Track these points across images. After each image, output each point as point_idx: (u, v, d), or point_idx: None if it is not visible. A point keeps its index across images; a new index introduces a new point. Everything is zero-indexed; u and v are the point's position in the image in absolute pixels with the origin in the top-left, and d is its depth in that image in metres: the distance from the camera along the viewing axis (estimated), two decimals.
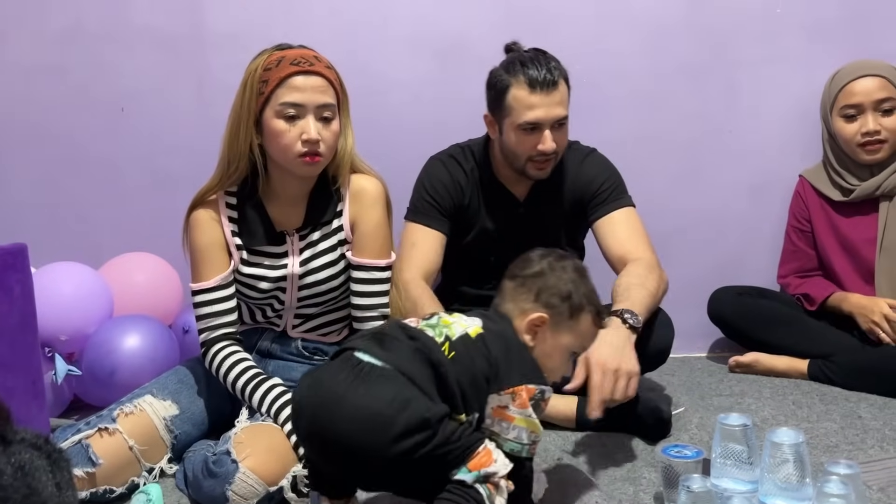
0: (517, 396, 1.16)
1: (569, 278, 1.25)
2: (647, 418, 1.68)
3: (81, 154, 2.44)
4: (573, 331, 1.25)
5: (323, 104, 1.52)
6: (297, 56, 1.53)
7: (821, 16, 2.31)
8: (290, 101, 1.50)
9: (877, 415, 1.78)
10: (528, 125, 1.76)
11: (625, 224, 1.87)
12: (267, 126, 1.52)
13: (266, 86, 1.50)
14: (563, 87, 1.78)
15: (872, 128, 2.04)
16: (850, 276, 2.13)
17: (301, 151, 1.51)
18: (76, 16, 2.39)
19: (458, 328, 1.20)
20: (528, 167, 1.83)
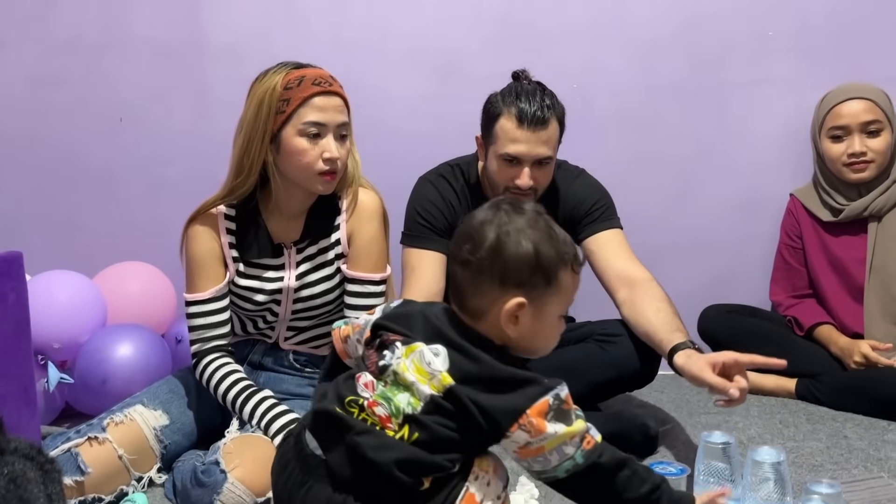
0: (529, 427, 1.00)
1: (530, 239, 1.05)
2: (634, 435, 1.69)
3: (79, 163, 2.47)
4: (556, 295, 1.07)
5: (342, 123, 1.57)
6: (316, 76, 1.55)
7: (811, 39, 2.34)
8: (313, 121, 1.52)
9: (862, 435, 1.80)
10: (508, 157, 1.77)
11: (617, 243, 1.87)
12: (287, 144, 1.54)
13: (288, 104, 1.52)
14: (554, 126, 1.77)
15: (858, 149, 2.07)
16: (839, 295, 2.15)
17: (322, 169, 1.55)
18: (77, 26, 2.42)
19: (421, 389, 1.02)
20: (506, 196, 1.84)
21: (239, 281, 1.65)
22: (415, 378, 1.04)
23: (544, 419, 1.00)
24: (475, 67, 2.39)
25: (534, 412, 0.99)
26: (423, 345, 1.06)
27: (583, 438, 1.03)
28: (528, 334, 1.07)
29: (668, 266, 2.34)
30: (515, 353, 1.09)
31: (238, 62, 2.40)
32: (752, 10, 2.35)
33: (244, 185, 1.58)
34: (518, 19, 2.39)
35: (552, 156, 1.79)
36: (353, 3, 2.40)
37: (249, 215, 1.64)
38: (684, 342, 1.54)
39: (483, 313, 1.07)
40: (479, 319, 1.08)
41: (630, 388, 1.90)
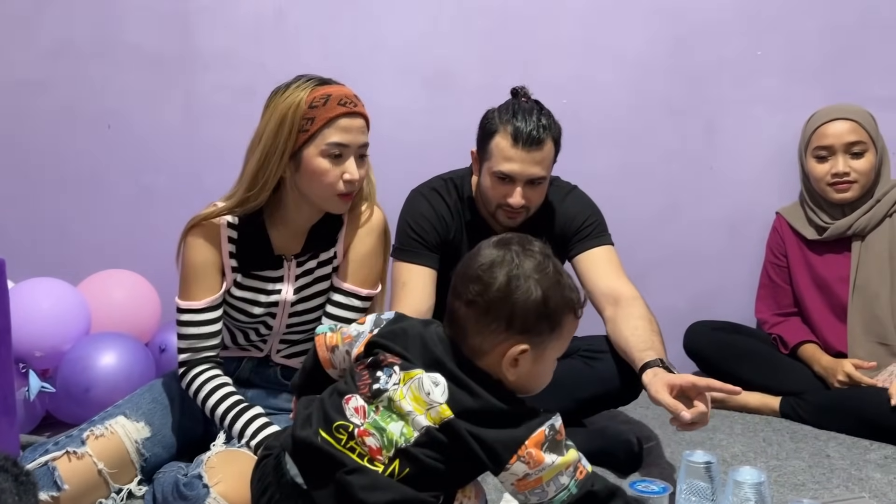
0: (528, 458, 1.01)
1: (539, 285, 1.04)
2: (618, 452, 1.69)
3: (65, 170, 2.45)
4: (557, 340, 1.08)
5: (363, 144, 1.55)
6: (342, 95, 1.52)
7: (799, 59, 2.37)
8: (337, 142, 1.50)
9: (844, 454, 1.80)
10: (501, 175, 1.77)
11: (607, 260, 1.87)
12: (308, 163, 1.51)
13: (312, 123, 1.49)
14: (549, 147, 1.76)
15: (842, 169, 2.09)
16: (822, 314, 2.16)
17: (341, 191, 1.53)
18: (65, 32, 2.41)
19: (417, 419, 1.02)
20: (498, 213, 1.84)
21: (236, 292, 1.62)
22: (412, 407, 1.03)
23: (541, 450, 1.01)
24: (466, 81, 2.40)
25: (532, 443, 1.01)
26: (423, 372, 1.04)
27: (576, 468, 1.04)
28: (526, 376, 1.08)
29: (654, 282, 2.35)
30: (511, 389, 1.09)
31: (227, 71, 2.40)
32: (741, 30, 2.37)
33: (256, 198, 1.55)
34: (509, 34, 2.40)
35: (545, 176, 1.79)
36: (344, 13, 2.40)
37: (253, 226, 1.61)
38: (654, 360, 1.54)
39: (484, 353, 1.06)
40: (478, 357, 1.07)
41: (615, 404, 1.90)
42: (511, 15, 2.40)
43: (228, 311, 1.64)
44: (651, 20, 2.39)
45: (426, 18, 2.40)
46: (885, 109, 2.20)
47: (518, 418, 1.02)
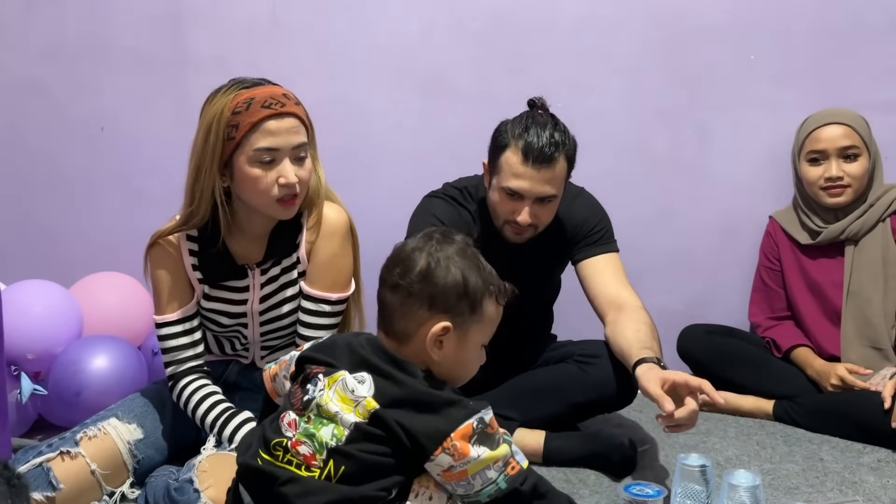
0: (453, 450, 1.01)
1: (458, 267, 1.10)
2: (612, 455, 1.69)
3: (58, 171, 2.44)
4: (479, 323, 1.13)
5: (298, 145, 1.47)
6: (266, 97, 1.45)
7: (792, 64, 2.38)
8: (265, 147, 1.43)
9: (838, 457, 1.81)
10: (510, 191, 1.72)
11: (613, 268, 1.85)
12: (239, 171, 1.46)
13: (236, 130, 1.43)
14: (561, 165, 1.71)
15: (835, 174, 2.10)
16: (816, 318, 2.16)
17: (279, 196, 1.47)
18: (58, 35, 2.41)
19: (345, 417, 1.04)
20: (505, 229, 1.80)
21: (205, 303, 1.62)
22: (339, 407, 1.05)
23: (468, 443, 1.02)
24: (460, 85, 2.40)
25: (458, 435, 1.01)
26: (346, 373, 1.07)
27: (507, 463, 1.05)
28: (451, 359, 1.11)
29: (648, 286, 2.34)
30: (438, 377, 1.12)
31: (221, 73, 2.34)
32: (734, 34, 2.38)
33: (198, 213, 1.51)
34: (503, 39, 2.40)
35: (556, 194, 1.73)
36: (338, 17, 2.40)
37: (211, 237, 1.56)
38: (650, 357, 1.55)
39: (409, 337, 1.11)
40: (405, 344, 1.11)
41: (609, 409, 1.90)
42: (505, 20, 2.41)
43: (204, 322, 1.64)
44: (644, 25, 2.39)
45: (420, 23, 2.40)
46: (878, 113, 2.21)
47: (445, 407, 1.04)
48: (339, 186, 2.09)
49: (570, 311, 2.10)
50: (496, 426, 1.06)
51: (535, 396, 1.81)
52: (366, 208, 2.07)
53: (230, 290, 1.62)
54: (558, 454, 1.72)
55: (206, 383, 1.58)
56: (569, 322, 2.15)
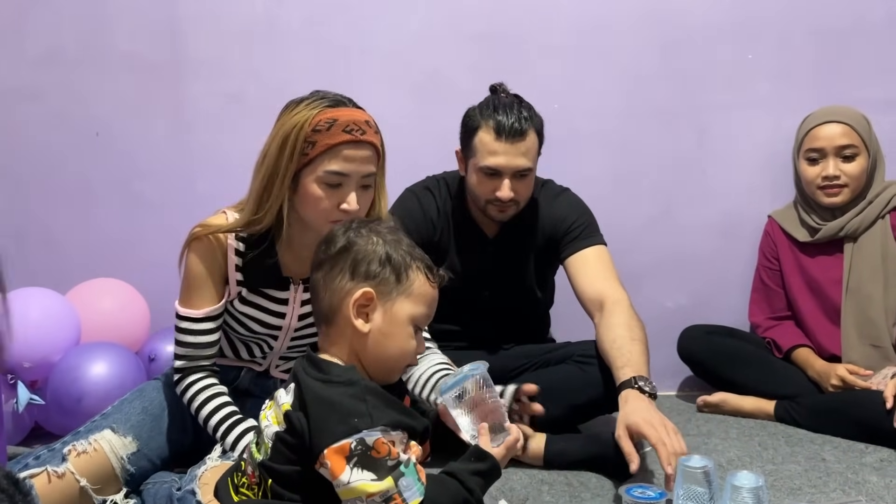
0: (327, 466, 0.97)
1: (381, 239, 1.10)
2: (613, 458, 1.67)
3: (54, 177, 2.43)
4: (408, 295, 1.10)
5: (367, 174, 1.46)
6: (349, 121, 1.43)
7: (790, 63, 2.37)
8: (336, 171, 1.42)
9: (840, 458, 1.79)
10: (488, 170, 1.78)
11: (597, 262, 1.86)
12: (304, 187, 1.44)
13: (312, 148, 1.41)
14: (532, 138, 1.77)
15: (832, 172, 2.09)
16: (816, 316, 2.16)
17: (335, 218, 1.43)
18: (54, 40, 2.39)
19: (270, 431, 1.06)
20: (489, 209, 1.85)
21: (239, 306, 1.58)
22: (270, 421, 1.07)
23: (344, 463, 0.96)
24: (456, 85, 2.39)
25: (331, 451, 0.96)
26: (280, 390, 1.09)
27: (389, 499, 0.96)
28: (378, 335, 1.08)
29: (648, 287, 2.35)
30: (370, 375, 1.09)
31: (217, 77, 2.39)
32: (731, 34, 2.38)
33: (261, 222, 1.48)
34: (500, 39, 2.40)
35: (531, 167, 1.79)
36: (334, 19, 2.39)
37: (262, 243, 1.53)
38: (627, 380, 1.56)
39: (334, 313, 1.09)
40: (332, 325, 1.10)
41: (609, 409, 1.88)
42: (502, 20, 2.40)
43: (230, 322, 1.61)
44: (642, 25, 2.39)
45: (416, 24, 2.39)
46: (877, 112, 2.20)
47: (333, 416, 0.99)
48: None
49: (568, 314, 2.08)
50: (389, 452, 0.97)
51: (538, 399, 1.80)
52: None
53: (269, 299, 1.58)
54: (559, 457, 1.71)
55: (214, 383, 1.55)
56: (568, 325, 2.14)
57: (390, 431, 0.99)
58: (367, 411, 0.99)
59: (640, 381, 1.56)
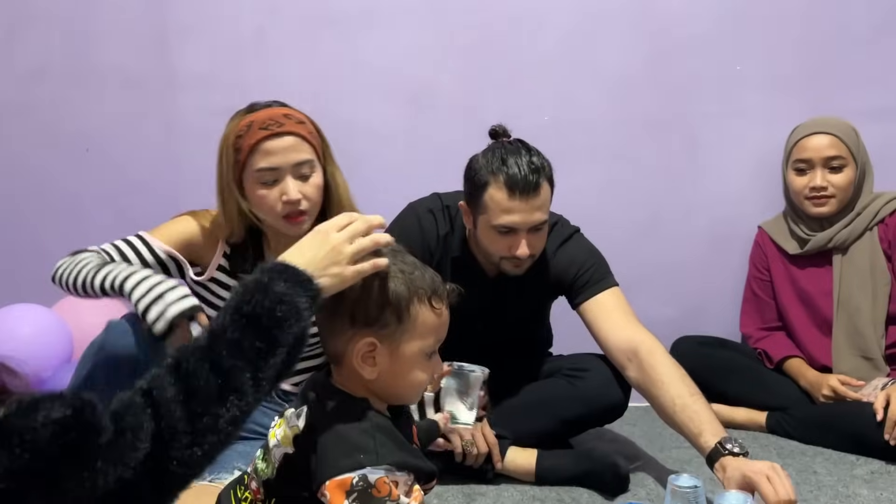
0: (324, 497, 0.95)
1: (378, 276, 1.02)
2: (605, 474, 1.68)
3: (43, 193, 2.43)
4: (413, 332, 1.03)
5: (298, 162, 1.52)
6: (265, 119, 1.51)
7: (779, 73, 2.38)
8: (264, 167, 1.50)
9: (832, 470, 1.80)
10: (503, 228, 1.67)
11: (616, 307, 1.77)
12: (249, 192, 1.54)
13: (240, 154, 1.51)
14: (546, 189, 1.67)
15: (819, 183, 2.10)
16: (807, 328, 2.16)
17: (284, 213, 1.52)
18: (44, 55, 2.39)
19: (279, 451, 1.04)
20: (503, 265, 1.75)
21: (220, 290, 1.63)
22: (278, 440, 1.06)
23: (344, 498, 0.93)
24: (448, 99, 2.40)
25: (333, 485, 0.94)
26: (291, 410, 1.07)
27: None
28: (388, 376, 1.03)
29: (639, 297, 2.33)
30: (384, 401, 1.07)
31: (207, 92, 2.38)
32: (720, 45, 2.39)
33: (233, 233, 1.60)
34: (490, 52, 2.40)
35: (546, 219, 1.71)
36: (325, 33, 2.40)
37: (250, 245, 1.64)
38: (715, 449, 1.49)
39: (341, 357, 1.05)
40: (340, 365, 1.07)
41: (600, 422, 1.89)
42: (492, 32, 2.40)
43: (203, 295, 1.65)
44: (631, 36, 2.39)
45: (407, 38, 2.40)
46: (865, 121, 2.20)
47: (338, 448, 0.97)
48: None
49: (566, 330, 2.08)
50: (390, 491, 0.95)
51: (526, 413, 1.80)
52: None
53: None
54: (551, 473, 1.71)
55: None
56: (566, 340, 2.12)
57: (395, 471, 0.97)
58: (374, 448, 0.97)
59: (727, 443, 1.48)
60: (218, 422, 0.83)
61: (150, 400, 0.82)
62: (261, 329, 0.89)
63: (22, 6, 2.39)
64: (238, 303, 0.91)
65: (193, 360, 0.86)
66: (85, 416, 0.73)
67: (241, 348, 0.87)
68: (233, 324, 0.89)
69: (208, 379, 0.84)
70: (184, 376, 0.84)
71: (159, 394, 0.82)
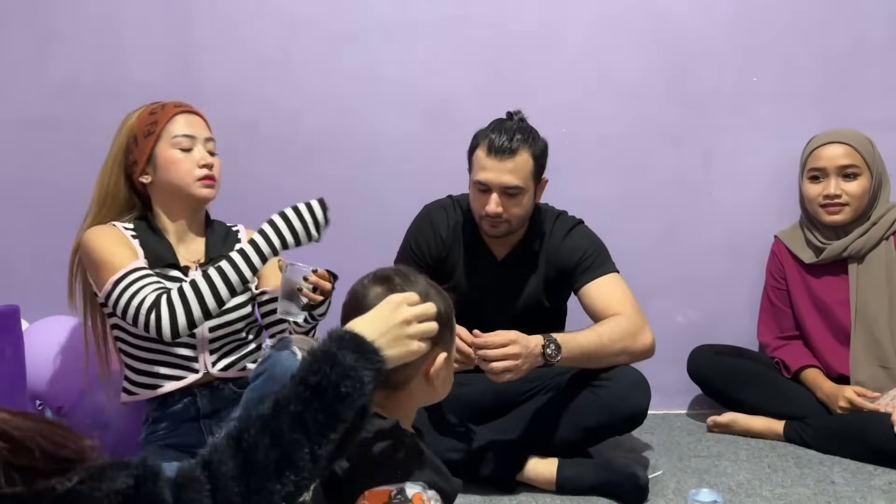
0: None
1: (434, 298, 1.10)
2: (625, 484, 1.70)
3: (73, 207, 2.46)
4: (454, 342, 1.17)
5: (209, 138, 1.73)
6: (176, 102, 1.75)
7: (795, 85, 2.40)
8: (183, 133, 1.68)
9: (850, 480, 1.82)
10: (479, 184, 1.85)
11: (611, 288, 1.88)
12: (162, 158, 1.68)
13: (156, 125, 1.69)
14: (524, 158, 1.81)
15: (833, 191, 2.13)
16: (824, 337, 2.18)
17: (200, 175, 1.68)
18: (71, 71, 2.45)
19: None
20: (482, 223, 1.90)
21: None
22: None
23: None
24: (465, 112, 2.42)
25: (371, 494, 0.97)
26: None
27: None
28: (443, 384, 1.14)
29: (656, 307, 2.37)
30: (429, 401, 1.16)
31: (231, 107, 2.43)
32: (736, 57, 2.41)
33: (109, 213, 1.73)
34: (507, 64, 2.44)
35: (520, 186, 1.82)
36: (346, 48, 2.44)
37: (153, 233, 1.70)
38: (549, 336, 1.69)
39: (408, 382, 1.10)
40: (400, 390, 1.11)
41: (620, 431, 1.93)
42: (509, 45, 2.44)
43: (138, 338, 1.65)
44: (648, 49, 2.42)
45: (425, 52, 2.44)
46: (882, 133, 2.22)
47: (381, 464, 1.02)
48: (350, 215, 2.13)
49: None
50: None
51: (547, 422, 1.83)
52: (375, 235, 2.10)
53: (172, 281, 1.65)
54: (571, 483, 1.75)
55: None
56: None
57: (428, 490, 1.00)
58: (410, 466, 1.03)
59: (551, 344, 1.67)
60: (272, 498, 0.84)
61: (210, 474, 0.82)
62: (325, 403, 0.89)
63: (51, 24, 2.45)
64: (305, 373, 0.91)
65: (254, 432, 0.86)
66: (147, 488, 0.74)
67: (303, 421, 0.87)
68: (297, 396, 0.89)
69: (267, 454, 0.85)
70: (245, 448, 0.85)
71: (218, 469, 0.83)
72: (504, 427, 1.85)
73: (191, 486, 0.80)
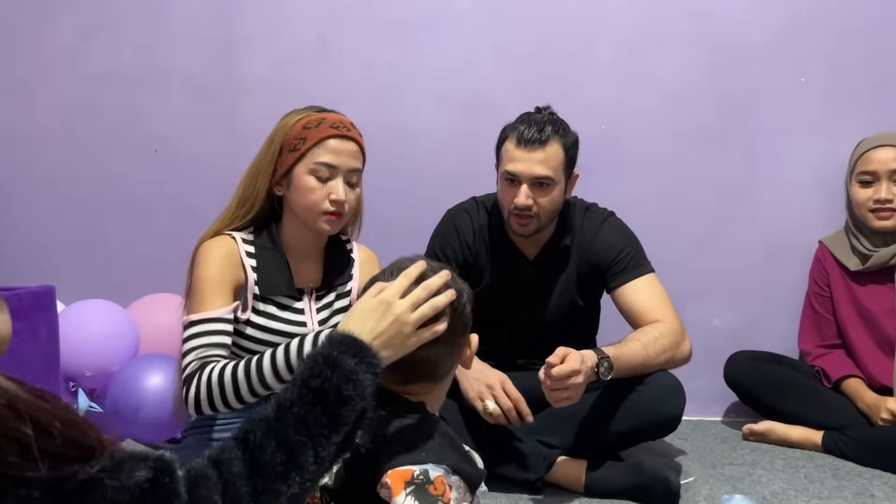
0: (386, 486, 0.97)
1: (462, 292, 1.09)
2: (655, 488, 1.68)
3: (113, 194, 2.52)
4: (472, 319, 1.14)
5: (353, 169, 1.58)
6: (336, 120, 1.58)
7: (844, 87, 2.33)
8: (325, 162, 1.55)
9: (890, 494, 1.76)
10: (507, 175, 1.81)
11: (647, 291, 1.83)
12: (297, 180, 1.56)
13: (303, 143, 1.56)
14: (554, 149, 1.77)
15: (885, 196, 2.07)
16: (868, 346, 2.12)
17: (327, 210, 1.55)
18: (113, 60, 2.49)
19: None
20: (511, 220, 1.85)
21: (255, 318, 1.57)
22: None
23: (402, 488, 0.96)
24: (502, 107, 2.39)
25: (395, 473, 0.97)
26: None
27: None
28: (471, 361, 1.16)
29: (694, 310, 2.33)
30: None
31: (270, 98, 2.44)
32: (783, 57, 2.35)
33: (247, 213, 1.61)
34: (547, 61, 2.41)
35: (551, 177, 1.78)
36: (385, 42, 2.44)
37: (271, 251, 1.60)
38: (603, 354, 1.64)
39: (449, 371, 1.11)
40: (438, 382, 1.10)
41: (653, 437, 1.89)
42: (548, 42, 2.41)
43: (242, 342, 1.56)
44: (691, 47, 2.37)
45: (464, 46, 2.42)
46: None
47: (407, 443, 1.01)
48: (385, 208, 2.13)
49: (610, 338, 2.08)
50: (445, 491, 0.97)
51: (579, 424, 1.81)
52: (411, 229, 2.10)
53: (285, 309, 1.59)
54: (601, 485, 1.72)
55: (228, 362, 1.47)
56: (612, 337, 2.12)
57: (451, 475, 1.00)
58: (435, 448, 1.01)
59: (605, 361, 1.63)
60: (279, 499, 0.85)
61: (220, 473, 0.83)
62: (327, 406, 0.90)
63: (95, 13, 2.49)
64: (307, 376, 0.92)
65: (260, 433, 0.87)
66: (163, 482, 0.75)
67: (306, 423, 0.88)
68: (300, 398, 0.90)
69: (274, 455, 0.85)
70: (251, 449, 0.86)
71: (228, 468, 0.83)
72: (535, 427, 1.83)
73: (203, 484, 0.81)
